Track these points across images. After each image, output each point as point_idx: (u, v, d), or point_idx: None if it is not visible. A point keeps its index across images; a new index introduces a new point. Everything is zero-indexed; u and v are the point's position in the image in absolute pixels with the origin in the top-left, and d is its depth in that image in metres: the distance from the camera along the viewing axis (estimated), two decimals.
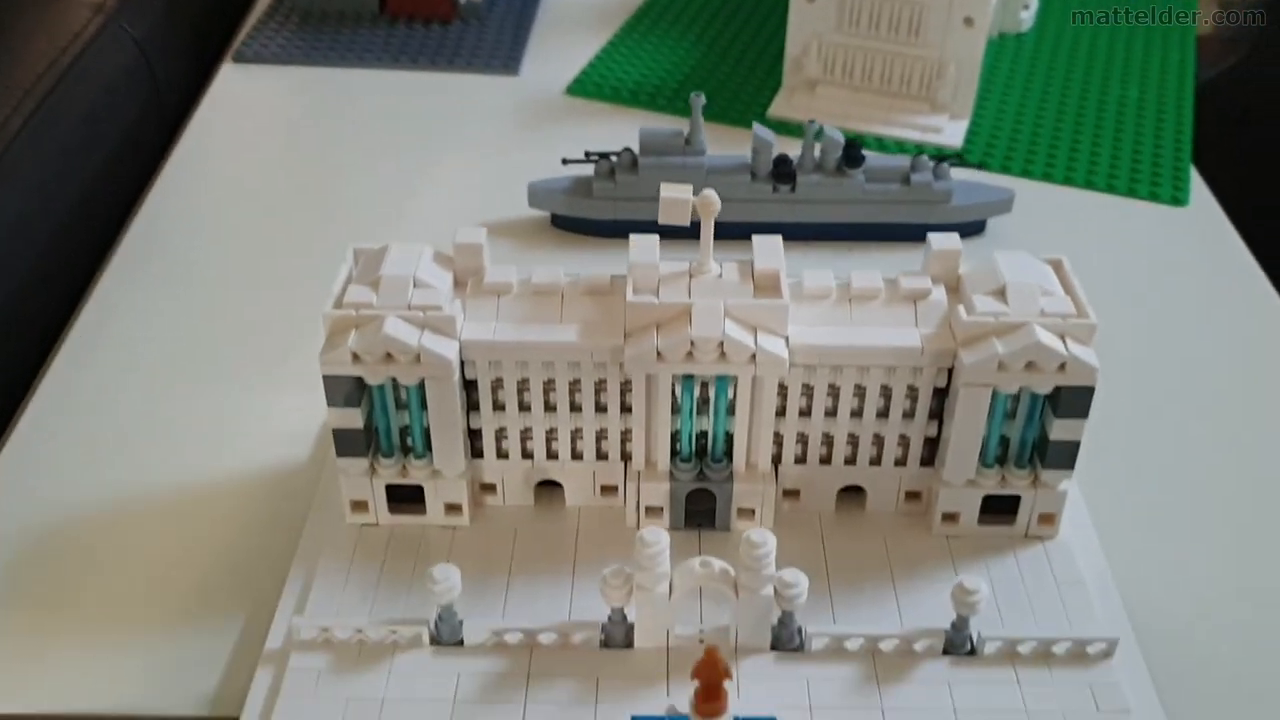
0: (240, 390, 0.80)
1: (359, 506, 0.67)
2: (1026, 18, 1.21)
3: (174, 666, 0.62)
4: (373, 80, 1.15)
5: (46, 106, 0.95)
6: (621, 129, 1.04)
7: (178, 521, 0.70)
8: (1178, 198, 0.97)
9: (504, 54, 1.17)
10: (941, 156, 0.91)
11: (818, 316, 0.63)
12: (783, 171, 0.91)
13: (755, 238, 0.65)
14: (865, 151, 0.90)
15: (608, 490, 0.68)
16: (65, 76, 0.98)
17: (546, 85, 1.14)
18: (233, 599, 0.65)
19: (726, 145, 0.93)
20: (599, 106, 1.11)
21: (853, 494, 0.68)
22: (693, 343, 0.61)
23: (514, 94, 1.13)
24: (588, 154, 0.92)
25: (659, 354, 0.61)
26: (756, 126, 0.90)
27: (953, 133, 1.04)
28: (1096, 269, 0.91)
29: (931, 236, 0.65)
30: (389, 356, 0.61)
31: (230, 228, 0.96)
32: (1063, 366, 0.60)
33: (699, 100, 0.89)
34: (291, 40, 1.19)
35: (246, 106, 1.13)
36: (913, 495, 0.67)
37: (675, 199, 0.61)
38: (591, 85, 1.12)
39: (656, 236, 0.65)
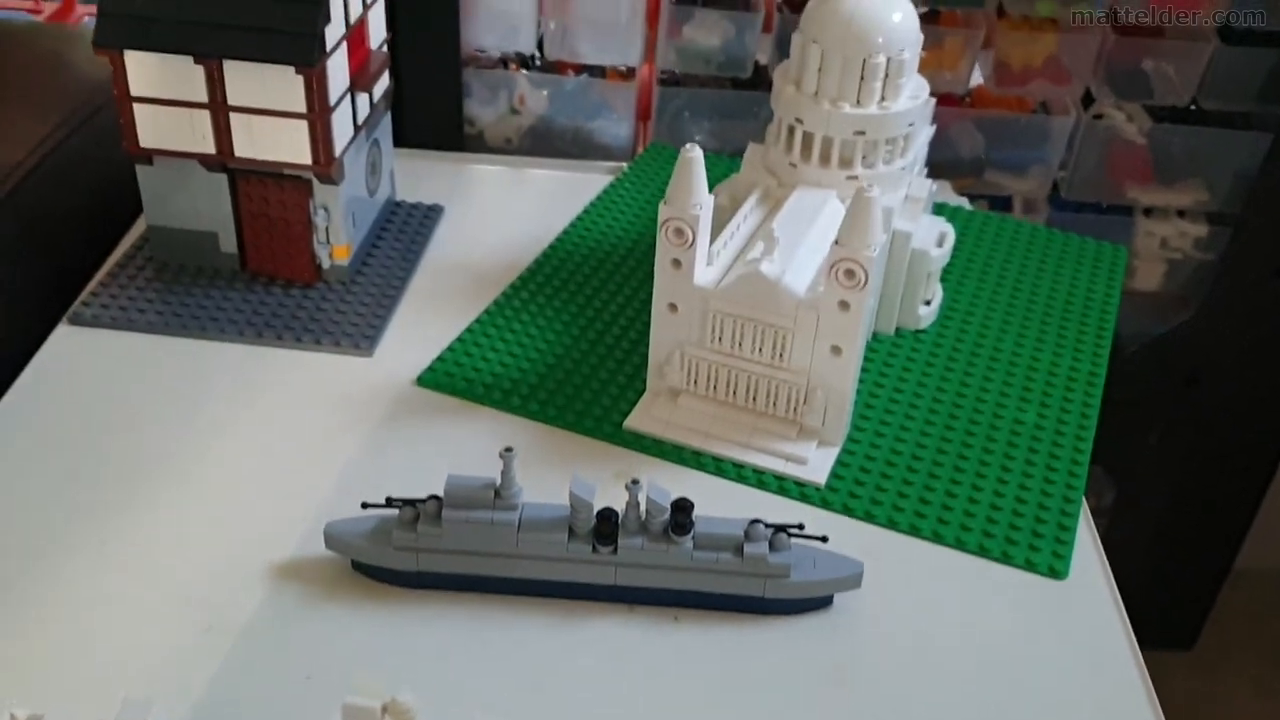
0: None
1: None
2: (927, 314, 1.12)
3: None
4: (213, 353, 1.06)
5: None
6: (469, 430, 0.98)
7: None
8: (1055, 568, 0.87)
9: (360, 331, 1.09)
10: (779, 527, 0.81)
11: None
12: (604, 531, 0.81)
13: None
14: (697, 516, 0.81)
15: None
16: None
17: (399, 372, 1.05)
18: None
19: (580, 459, 0.83)
20: (450, 402, 1.02)
21: None
22: None
23: (362, 379, 1.04)
24: (389, 500, 0.83)
25: None
26: (574, 482, 0.81)
27: (819, 464, 0.94)
28: (951, 648, 0.82)
29: None
30: None
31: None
32: None
33: (511, 456, 0.80)
34: (135, 302, 1.10)
35: (71, 376, 1.04)
36: None
37: (360, 707, 0.51)
38: (444, 377, 1.04)
39: None
